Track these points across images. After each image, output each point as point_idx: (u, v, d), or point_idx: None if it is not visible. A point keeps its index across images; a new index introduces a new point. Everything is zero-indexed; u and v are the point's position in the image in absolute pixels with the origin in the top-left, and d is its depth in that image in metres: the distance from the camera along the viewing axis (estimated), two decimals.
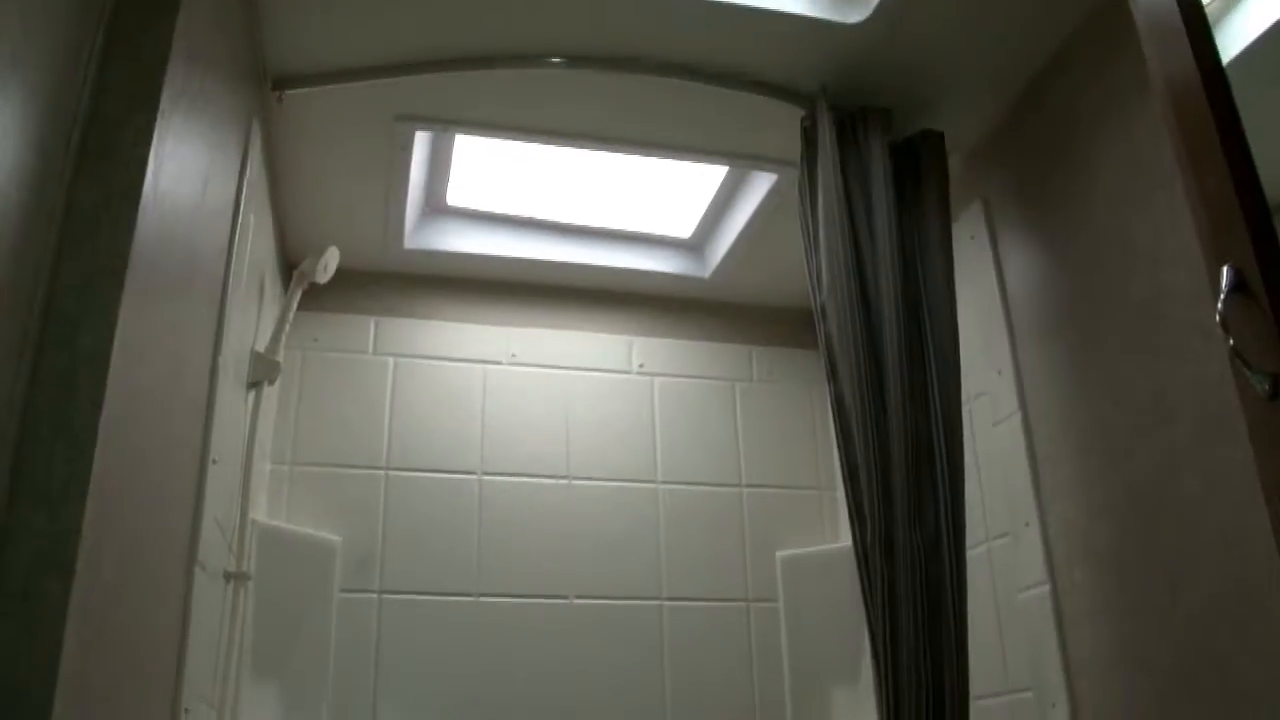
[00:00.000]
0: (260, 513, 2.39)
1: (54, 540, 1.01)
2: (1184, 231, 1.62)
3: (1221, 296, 1.07)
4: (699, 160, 2.43)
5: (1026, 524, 2.02)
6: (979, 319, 2.19)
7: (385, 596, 2.50)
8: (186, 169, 1.44)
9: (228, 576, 2.03)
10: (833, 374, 1.89)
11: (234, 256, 1.82)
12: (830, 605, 2.67)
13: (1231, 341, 1.05)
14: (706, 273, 2.88)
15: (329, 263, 2.46)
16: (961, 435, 1.78)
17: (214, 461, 1.74)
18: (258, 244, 2.17)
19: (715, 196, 2.70)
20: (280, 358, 2.31)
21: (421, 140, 2.35)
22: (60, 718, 0.98)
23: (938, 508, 1.72)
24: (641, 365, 2.89)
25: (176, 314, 1.45)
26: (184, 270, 1.48)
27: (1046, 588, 1.95)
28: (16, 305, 1.02)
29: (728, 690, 2.62)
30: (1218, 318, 1.06)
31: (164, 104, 1.26)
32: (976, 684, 1.70)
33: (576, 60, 2.05)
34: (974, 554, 1.86)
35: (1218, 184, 1.10)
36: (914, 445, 1.74)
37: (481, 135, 2.34)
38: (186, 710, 1.61)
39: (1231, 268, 1.07)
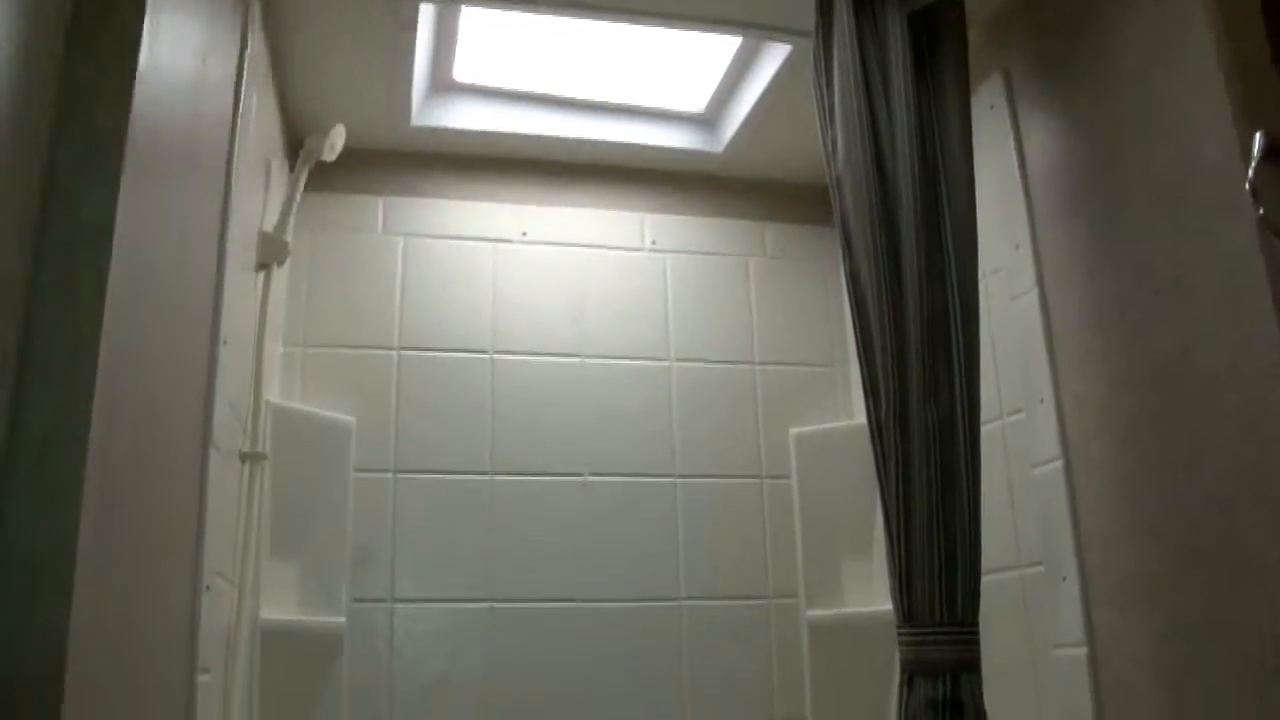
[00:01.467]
0: (274, 394, 2.40)
1: (67, 409, 1.00)
2: (1213, 105, 1.57)
3: (1252, 164, 1.03)
4: (711, 31, 2.36)
5: (1041, 400, 2.01)
6: (997, 193, 2.15)
7: (400, 476, 2.52)
8: (184, 42, 1.40)
9: (243, 457, 2.04)
10: (848, 248, 1.87)
11: (237, 134, 1.79)
12: (843, 482, 2.69)
13: (1261, 210, 1.03)
14: (719, 147, 2.82)
15: (335, 141, 2.42)
16: (978, 310, 1.76)
17: (224, 342, 1.73)
18: (262, 123, 2.13)
19: (728, 69, 2.63)
20: (289, 239, 2.29)
21: (427, 14, 2.29)
22: (81, 586, 0.99)
23: (953, 383, 1.71)
24: (654, 242, 2.86)
25: (181, 191, 1.43)
26: (186, 146, 1.46)
27: (1060, 463, 1.95)
28: (16, 178, 1.00)
29: (740, 566, 2.65)
30: (1247, 186, 1.03)
31: None
32: (988, 558, 1.71)
33: None
34: (988, 430, 1.85)
35: (1254, 45, 1.06)
36: (929, 320, 1.72)
37: (488, 7, 2.28)
38: (208, 586, 1.63)
39: (1264, 134, 1.03)
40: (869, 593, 2.65)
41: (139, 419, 1.24)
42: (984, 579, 1.68)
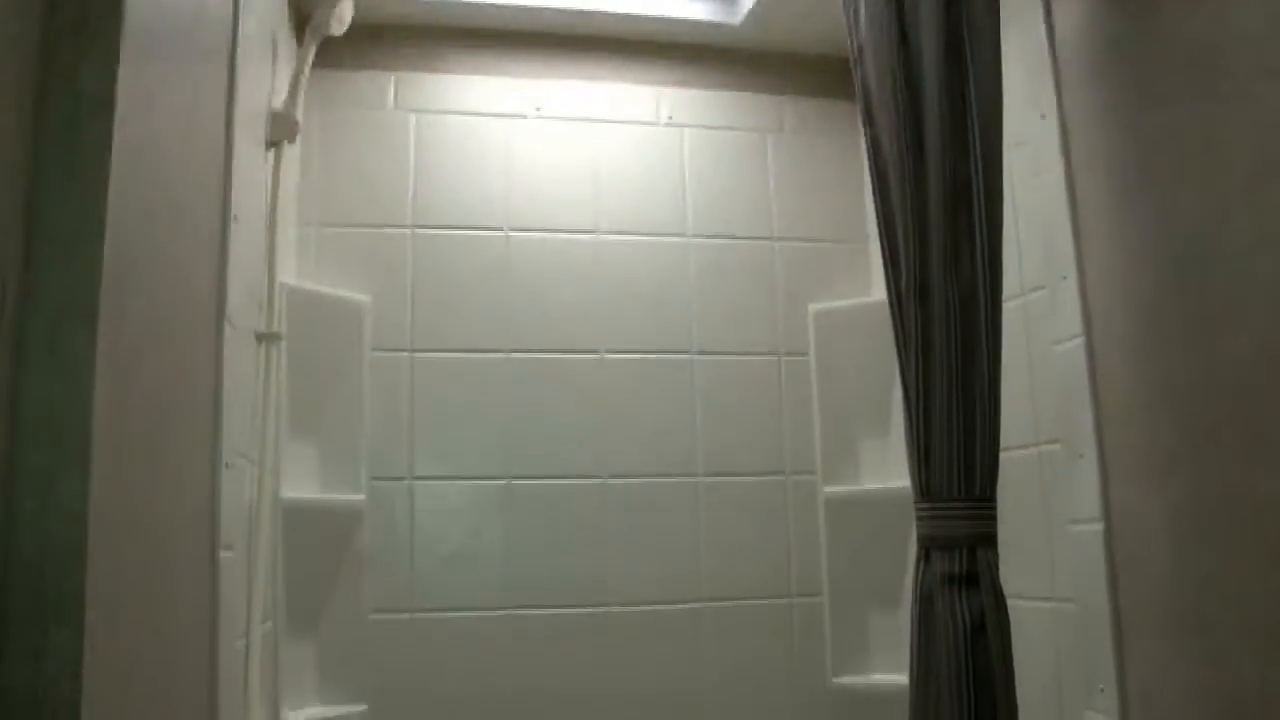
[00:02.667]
0: (288, 275, 2.38)
1: (75, 285, 0.99)
2: None
3: None
4: None
5: (1064, 277, 1.98)
6: (1023, 60, 2.08)
7: (416, 355, 2.52)
8: None
9: (259, 337, 2.04)
10: (869, 118, 1.82)
11: (240, 6, 1.74)
12: (862, 359, 2.68)
13: None
14: (737, 19, 2.74)
15: (343, 13, 2.36)
16: (1001, 181, 1.72)
17: (235, 219, 1.71)
18: None
19: None
20: (299, 116, 2.25)
21: None
22: (99, 462, 0.99)
23: (974, 256, 1.67)
24: (670, 117, 2.80)
25: (184, 65, 1.39)
26: (188, 19, 1.42)
27: (1081, 340, 1.92)
28: (13, 51, 0.97)
29: (758, 443, 2.66)
30: None
31: None
32: (1006, 436, 1.70)
33: None
34: (1009, 307, 1.82)
35: None
36: (952, 191, 1.68)
37: None
38: (228, 464, 1.64)
39: None
40: (886, 470, 2.66)
41: (151, 295, 1.23)
42: (1001, 456, 1.67)
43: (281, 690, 2.21)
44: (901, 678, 2.34)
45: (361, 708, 2.35)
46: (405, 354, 2.52)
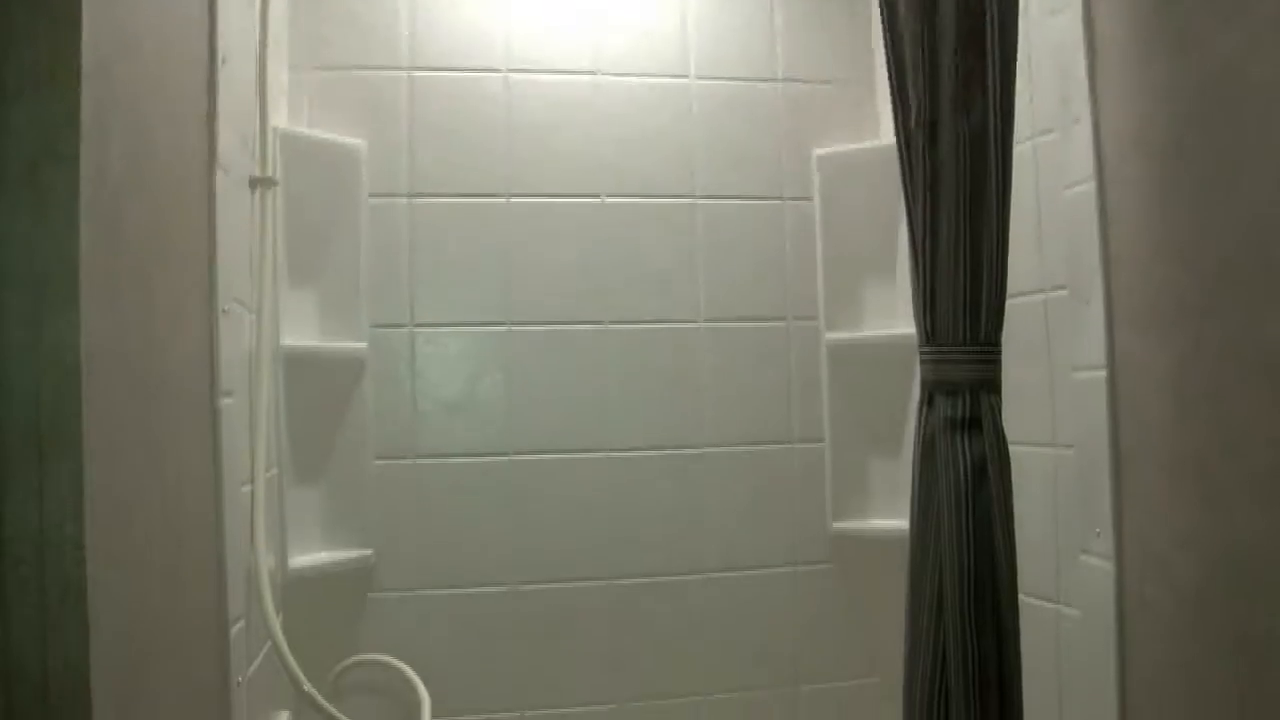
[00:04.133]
0: (281, 120, 2.33)
1: (52, 122, 0.96)
2: None
3: None
4: None
5: (1077, 120, 1.92)
6: None
7: (415, 200, 2.48)
8: None
9: (253, 183, 1.99)
10: None
11: None
12: (867, 204, 2.64)
13: None
14: None
15: None
16: (1016, 15, 1.65)
17: (223, 61, 1.66)
18: None
19: None
20: None
21: None
22: (89, 304, 0.97)
23: (986, 94, 1.62)
24: None
25: None
26: None
27: (1092, 184, 1.88)
28: None
29: (760, 288, 2.64)
30: None
31: None
32: (1011, 282, 1.67)
33: None
34: (1018, 150, 1.77)
35: None
36: (965, 25, 1.62)
37: None
38: (224, 310, 1.63)
39: None
40: (889, 317, 2.65)
41: (137, 137, 1.19)
42: (1007, 302, 1.65)
43: (288, 536, 2.25)
44: (900, 523, 2.37)
45: (368, 552, 2.39)
46: (403, 199, 2.48)
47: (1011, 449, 1.63)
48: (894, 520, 2.56)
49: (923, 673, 1.63)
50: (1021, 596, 1.64)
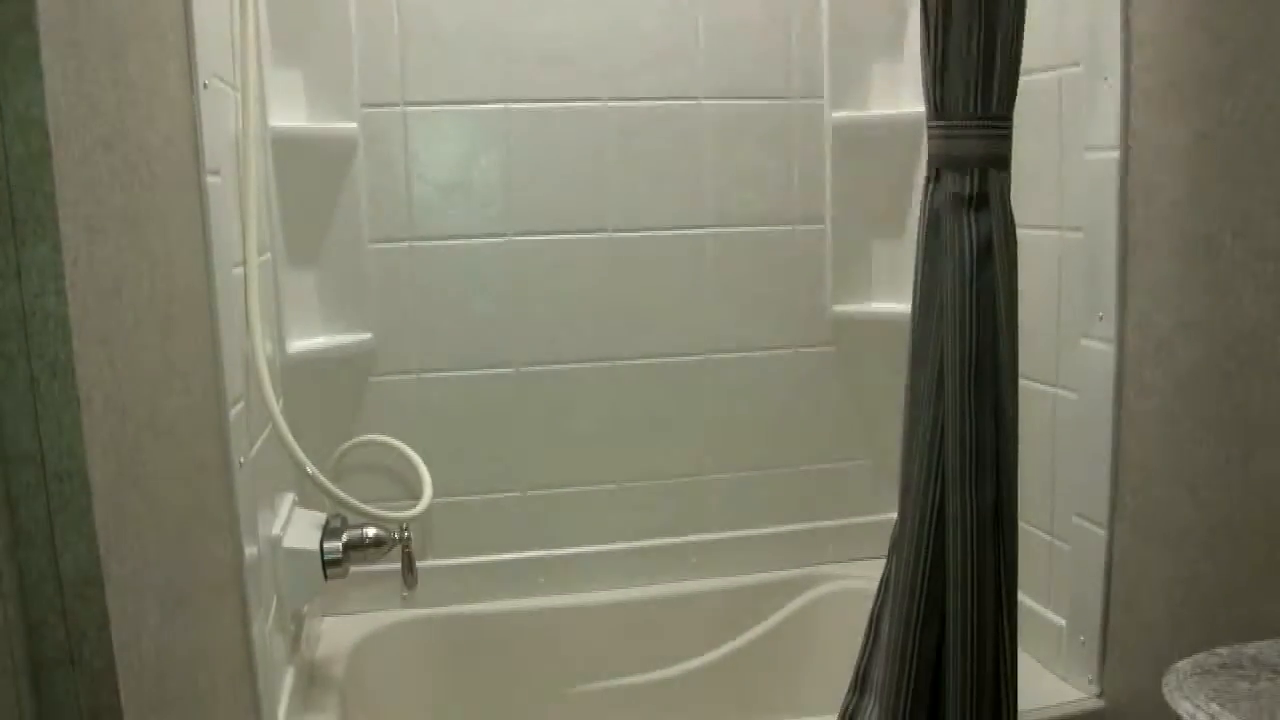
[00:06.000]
0: None
1: None
2: None
3: None
4: None
5: None
6: None
7: None
8: None
9: None
10: None
11: None
12: None
13: None
14: None
15: None
16: None
17: None
18: None
19: None
20: None
21: None
22: (51, 72, 0.92)
23: None
24: None
25: None
26: None
27: None
28: None
29: (763, 64, 2.52)
30: None
31: None
32: (1025, 57, 1.60)
33: None
34: None
35: None
36: None
37: None
38: (205, 85, 1.56)
39: None
40: (896, 96, 2.56)
41: None
42: (1020, 79, 1.59)
43: (286, 320, 2.24)
44: (900, 307, 2.37)
45: (367, 335, 2.38)
46: None
47: (1017, 231, 1.60)
48: (895, 303, 2.55)
49: (921, 453, 1.64)
50: (1020, 379, 1.64)
